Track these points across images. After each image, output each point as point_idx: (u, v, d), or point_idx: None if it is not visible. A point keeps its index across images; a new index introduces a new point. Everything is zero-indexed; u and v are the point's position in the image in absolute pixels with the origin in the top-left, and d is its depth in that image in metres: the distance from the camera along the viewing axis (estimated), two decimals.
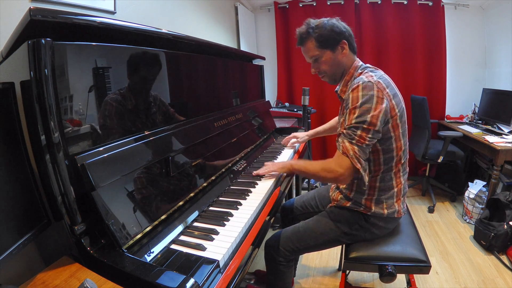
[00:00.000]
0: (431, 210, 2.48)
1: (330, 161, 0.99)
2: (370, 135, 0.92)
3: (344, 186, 1.14)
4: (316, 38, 1.03)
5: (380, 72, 1.03)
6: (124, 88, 0.82)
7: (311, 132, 1.69)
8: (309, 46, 1.06)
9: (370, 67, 1.07)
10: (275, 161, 1.44)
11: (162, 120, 0.97)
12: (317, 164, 1.04)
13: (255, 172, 1.20)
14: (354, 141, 0.93)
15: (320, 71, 1.10)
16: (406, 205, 1.19)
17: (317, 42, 1.04)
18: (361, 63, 1.09)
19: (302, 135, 1.69)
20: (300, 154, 1.68)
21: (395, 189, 1.06)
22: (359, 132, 0.92)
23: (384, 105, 0.92)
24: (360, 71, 1.05)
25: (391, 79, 1.03)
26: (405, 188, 1.10)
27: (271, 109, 2.41)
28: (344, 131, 0.96)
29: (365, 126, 0.91)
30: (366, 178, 1.00)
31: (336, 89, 1.17)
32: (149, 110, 0.91)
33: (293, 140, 1.67)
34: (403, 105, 1.02)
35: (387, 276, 1.00)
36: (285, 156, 1.53)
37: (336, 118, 1.55)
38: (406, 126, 1.04)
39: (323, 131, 1.65)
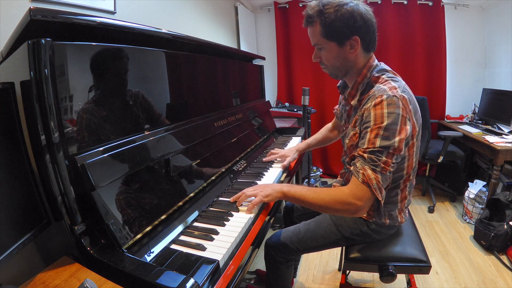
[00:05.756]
0: (431, 210, 2.48)
1: (345, 191, 0.83)
2: (394, 161, 0.81)
3: None
4: (323, 24, 0.85)
5: (402, 82, 0.89)
6: (125, 87, 0.82)
7: (302, 145, 1.45)
8: (314, 30, 0.88)
9: (388, 71, 0.91)
10: (274, 164, 1.43)
11: (162, 120, 0.97)
12: (324, 193, 0.86)
13: (232, 199, 0.96)
14: (378, 169, 0.79)
15: (321, 61, 0.95)
16: (408, 210, 1.16)
17: (323, 30, 0.85)
18: (376, 62, 0.93)
19: (291, 153, 1.37)
20: (293, 167, 1.42)
21: (399, 204, 1.02)
22: (384, 158, 0.79)
23: (408, 127, 0.81)
24: (377, 75, 0.89)
25: (408, 87, 0.90)
26: (409, 201, 1.04)
27: (271, 109, 2.41)
28: (365, 155, 0.81)
29: (391, 151, 0.79)
30: (382, 208, 0.93)
31: (338, 84, 1.07)
32: (149, 110, 0.91)
33: (281, 163, 1.34)
34: (421, 120, 0.91)
35: (387, 276, 1.00)
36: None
37: (328, 125, 1.47)
38: (419, 143, 0.94)
39: (315, 143, 1.46)
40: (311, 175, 2.72)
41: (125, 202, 0.72)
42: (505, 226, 1.81)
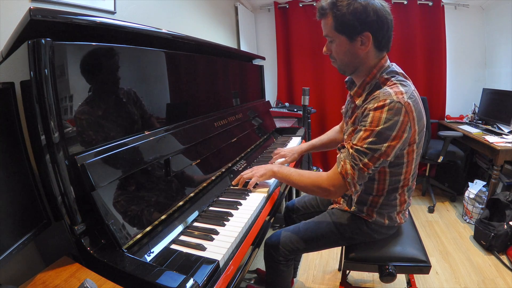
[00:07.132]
0: (431, 210, 2.48)
1: (323, 177, 0.91)
2: (377, 165, 0.82)
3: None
4: (334, 18, 0.82)
5: (411, 87, 0.84)
6: (125, 87, 0.82)
7: (304, 146, 1.42)
8: (327, 22, 0.86)
9: (398, 74, 0.88)
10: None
11: (162, 120, 0.97)
12: (306, 176, 0.97)
13: (234, 182, 1.10)
14: (356, 167, 0.83)
15: (331, 55, 0.92)
16: (408, 211, 1.17)
17: (335, 23, 0.83)
18: (388, 63, 0.89)
19: (291, 153, 1.37)
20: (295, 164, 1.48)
21: (398, 207, 1.03)
22: (366, 160, 0.81)
23: (406, 135, 0.80)
24: (386, 76, 0.86)
25: (417, 93, 0.87)
26: (408, 204, 1.05)
27: (271, 109, 2.41)
28: (351, 150, 0.83)
29: (376, 155, 0.80)
30: (355, 200, 1.01)
31: (346, 79, 1.05)
32: (148, 110, 0.91)
33: (280, 160, 1.35)
34: (425, 129, 0.89)
35: (387, 276, 1.00)
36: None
37: (336, 127, 1.43)
38: (421, 151, 0.93)
39: (319, 144, 1.41)
40: None
41: (125, 202, 0.72)
42: (505, 226, 1.81)
